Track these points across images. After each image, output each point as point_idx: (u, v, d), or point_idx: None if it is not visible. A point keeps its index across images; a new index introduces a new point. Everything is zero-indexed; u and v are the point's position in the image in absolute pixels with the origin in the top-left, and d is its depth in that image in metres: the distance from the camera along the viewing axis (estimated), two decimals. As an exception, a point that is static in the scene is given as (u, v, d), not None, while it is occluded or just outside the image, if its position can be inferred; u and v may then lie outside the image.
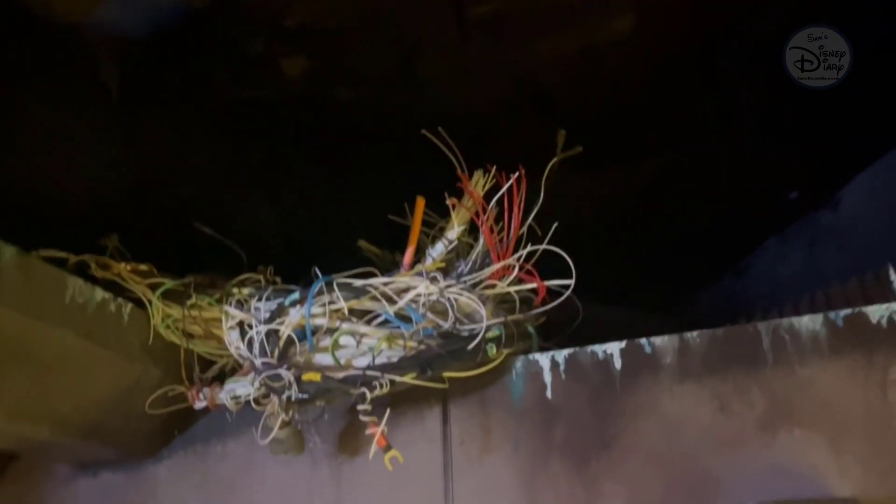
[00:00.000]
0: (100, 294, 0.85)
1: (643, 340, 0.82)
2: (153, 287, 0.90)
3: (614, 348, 0.83)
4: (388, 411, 0.81)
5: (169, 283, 0.90)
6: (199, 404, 0.93)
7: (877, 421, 0.72)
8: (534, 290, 0.94)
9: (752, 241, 1.47)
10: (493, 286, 0.91)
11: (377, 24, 1.07)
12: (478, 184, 0.92)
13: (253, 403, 0.81)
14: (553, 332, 0.97)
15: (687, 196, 1.35)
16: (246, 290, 0.88)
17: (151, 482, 0.96)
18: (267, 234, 1.24)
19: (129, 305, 0.89)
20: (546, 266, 0.92)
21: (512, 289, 0.91)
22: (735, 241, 1.46)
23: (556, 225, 0.90)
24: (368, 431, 0.78)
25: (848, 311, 0.76)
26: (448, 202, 0.92)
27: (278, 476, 0.90)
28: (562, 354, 0.85)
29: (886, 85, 1.29)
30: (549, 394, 0.84)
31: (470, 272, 0.91)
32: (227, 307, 0.86)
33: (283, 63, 1.14)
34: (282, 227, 1.25)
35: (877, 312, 0.75)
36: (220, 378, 0.94)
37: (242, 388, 0.90)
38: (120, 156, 1.09)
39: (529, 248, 0.90)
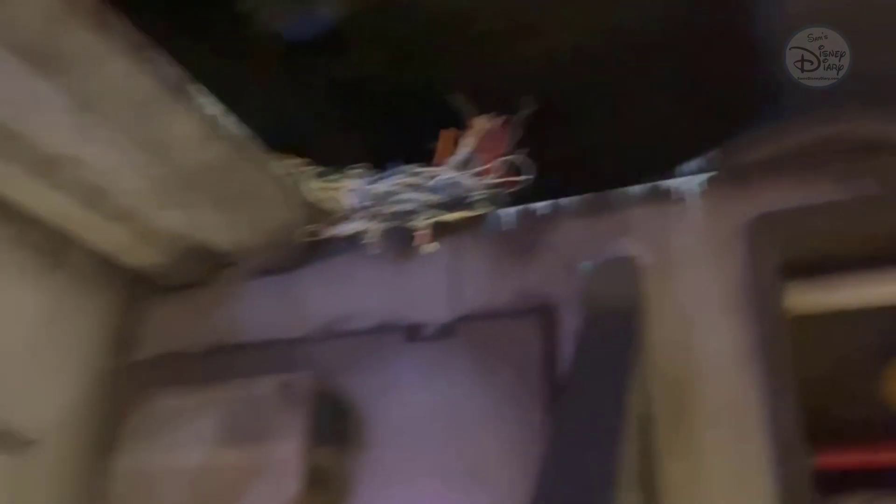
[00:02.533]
0: (282, 168, 1.66)
1: (556, 200, 1.61)
2: (303, 168, 1.71)
3: (539, 205, 1.62)
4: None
5: (315, 169, 1.71)
6: (325, 235, 1.73)
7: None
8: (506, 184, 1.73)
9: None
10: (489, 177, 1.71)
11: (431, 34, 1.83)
12: (480, 122, 1.72)
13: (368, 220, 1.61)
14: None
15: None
16: (357, 171, 1.69)
17: (296, 280, 1.75)
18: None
19: (294, 178, 1.69)
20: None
21: (496, 181, 1.71)
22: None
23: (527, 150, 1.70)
24: (422, 233, 1.58)
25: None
26: (464, 129, 1.72)
27: (364, 273, 1.68)
28: (514, 209, 1.64)
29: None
30: (510, 226, 1.63)
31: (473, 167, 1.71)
32: (347, 179, 1.67)
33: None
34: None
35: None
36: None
37: (353, 225, 1.71)
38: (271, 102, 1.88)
39: (507, 157, 1.70)
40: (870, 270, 1.39)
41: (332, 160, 1.71)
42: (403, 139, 1.71)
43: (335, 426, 1.50)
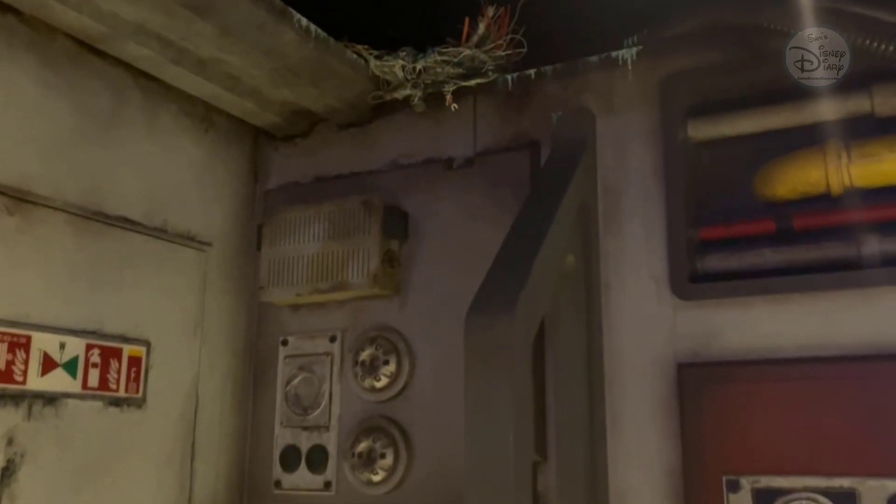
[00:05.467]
0: (353, 54, 2.42)
1: (540, 68, 2.31)
2: (369, 53, 2.45)
3: (529, 71, 2.33)
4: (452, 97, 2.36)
5: (375, 52, 2.45)
6: (386, 99, 2.49)
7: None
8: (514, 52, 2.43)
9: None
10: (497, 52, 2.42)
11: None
12: (490, 10, 2.41)
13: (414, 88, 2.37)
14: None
15: None
16: (404, 53, 2.42)
17: (368, 130, 2.53)
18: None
19: (362, 60, 2.45)
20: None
21: (504, 53, 2.42)
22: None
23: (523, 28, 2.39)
24: (448, 97, 2.32)
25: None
26: (479, 18, 2.42)
27: (413, 124, 2.45)
28: (513, 75, 2.36)
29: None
30: (510, 87, 2.36)
31: (487, 45, 2.41)
32: (398, 59, 2.41)
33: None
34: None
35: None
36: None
37: (404, 91, 2.46)
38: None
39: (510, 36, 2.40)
40: (744, 109, 2.08)
41: (387, 45, 2.43)
42: (438, 24, 2.42)
43: (398, 226, 2.33)
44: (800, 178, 1.97)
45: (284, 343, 2.46)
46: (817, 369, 1.81)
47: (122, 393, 2.14)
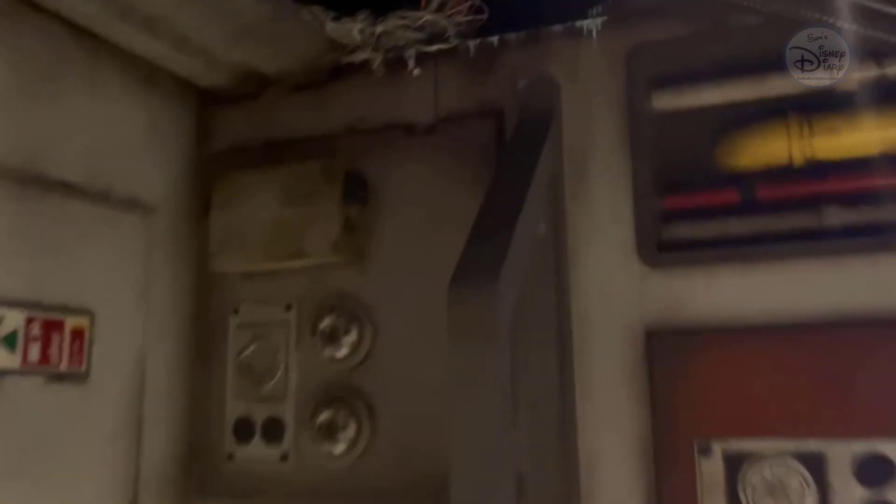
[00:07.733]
0: (309, 15, 2.33)
1: (503, 35, 2.29)
2: (326, 14, 2.37)
3: (492, 38, 2.30)
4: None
5: (332, 14, 2.37)
6: (342, 62, 2.42)
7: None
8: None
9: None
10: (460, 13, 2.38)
11: None
12: (450, -24, 2.37)
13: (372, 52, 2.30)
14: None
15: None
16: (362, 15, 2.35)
17: (324, 93, 2.46)
18: None
19: (318, 22, 2.36)
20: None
21: (465, 19, 2.38)
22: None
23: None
24: (411, 64, 2.27)
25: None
26: (439, -16, 2.37)
27: (371, 89, 2.37)
28: (475, 41, 2.32)
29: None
30: (472, 55, 2.33)
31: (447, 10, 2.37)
32: (356, 22, 2.34)
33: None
34: None
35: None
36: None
37: (362, 55, 2.39)
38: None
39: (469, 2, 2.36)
40: (708, 81, 2.10)
41: (345, 7, 2.35)
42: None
43: (359, 192, 2.27)
44: (763, 149, 2.01)
45: (235, 312, 2.37)
46: (783, 336, 1.86)
47: (64, 367, 2.02)
